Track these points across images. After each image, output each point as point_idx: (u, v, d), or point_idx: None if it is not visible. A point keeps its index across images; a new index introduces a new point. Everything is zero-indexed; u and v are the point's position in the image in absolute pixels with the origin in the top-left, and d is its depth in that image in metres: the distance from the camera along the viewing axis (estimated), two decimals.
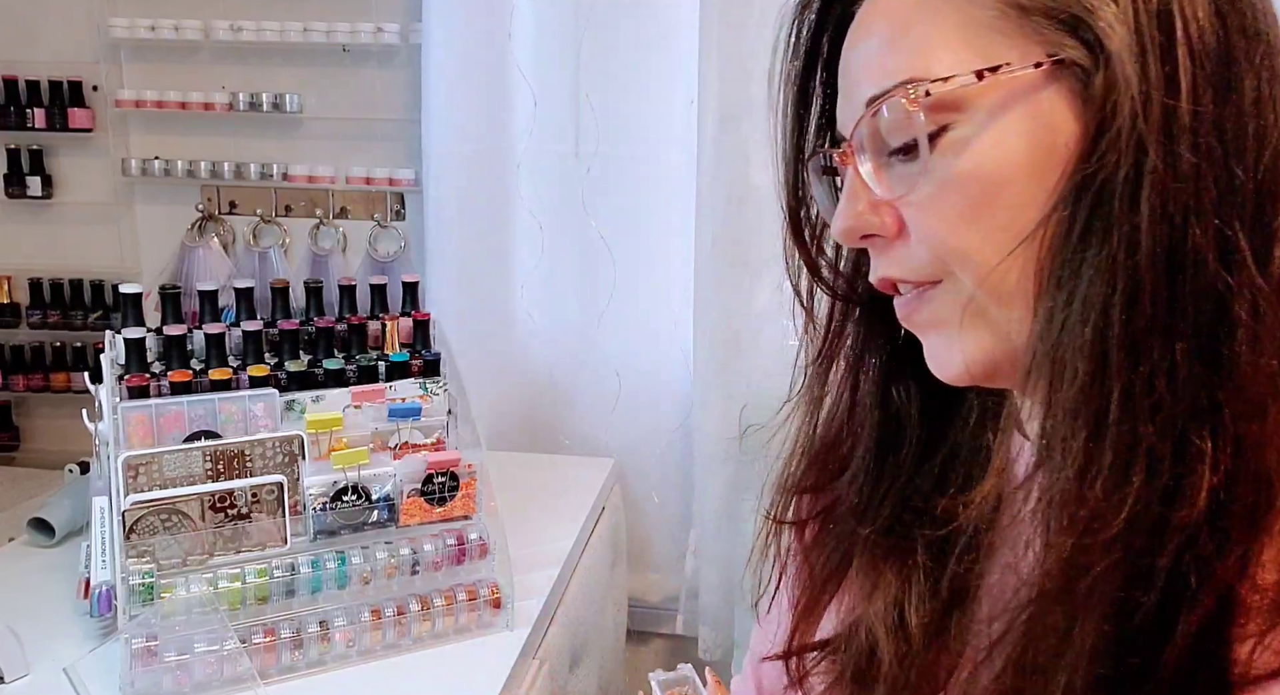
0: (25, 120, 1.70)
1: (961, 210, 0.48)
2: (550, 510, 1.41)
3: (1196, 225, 0.44)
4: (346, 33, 1.63)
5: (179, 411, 1.08)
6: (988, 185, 0.47)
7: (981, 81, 0.47)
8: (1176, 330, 0.44)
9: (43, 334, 1.79)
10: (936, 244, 0.50)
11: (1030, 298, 0.48)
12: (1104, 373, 0.45)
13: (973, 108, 0.47)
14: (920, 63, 0.48)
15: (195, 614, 0.97)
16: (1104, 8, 0.45)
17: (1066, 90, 0.46)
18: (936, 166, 0.48)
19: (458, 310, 1.60)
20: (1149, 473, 0.44)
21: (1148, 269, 0.44)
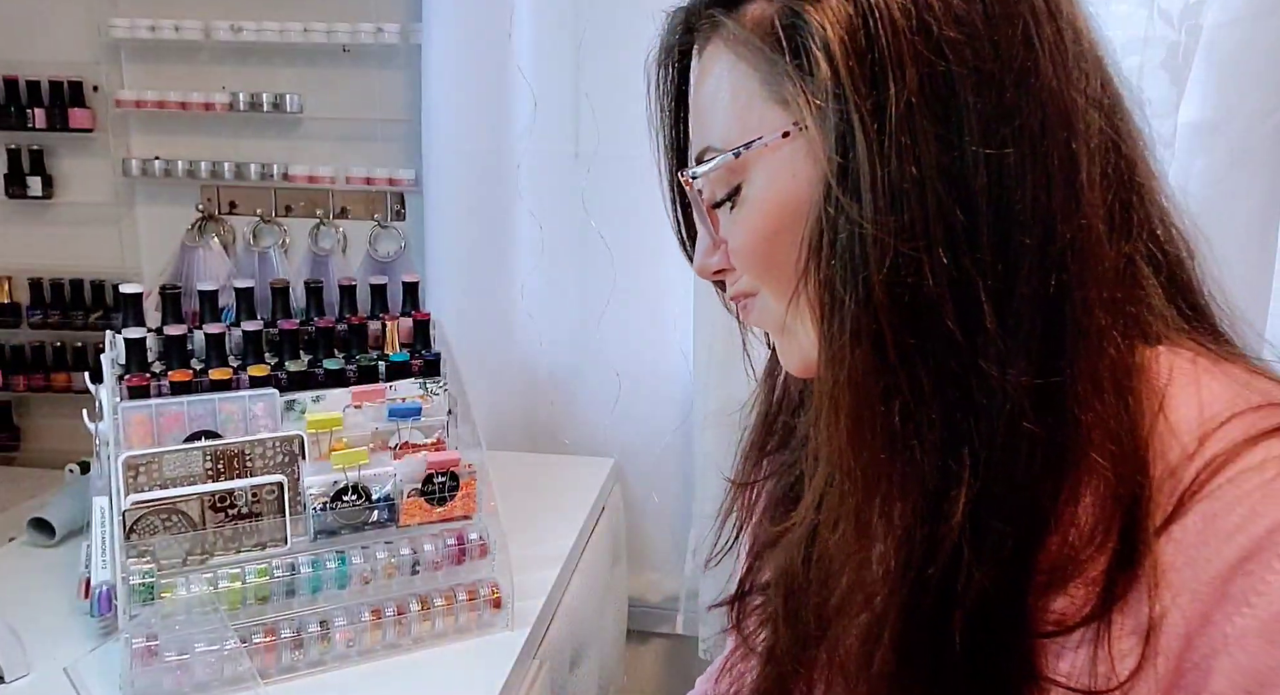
0: (25, 120, 1.70)
1: (755, 253, 0.58)
2: (550, 510, 1.41)
3: (928, 273, 0.49)
4: (346, 33, 1.63)
5: (179, 411, 1.08)
6: (765, 234, 0.56)
7: (739, 157, 0.56)
8: (923, 364, 0.50)
9: (43, 334, 1.79)
10: (745, 275, 0.61)
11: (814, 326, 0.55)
12: (869, 401, 0.51)
13: (749, 170, 0.57)
14: (712, 132, 0.58)
15: (195, 614, 0.97)
16: (800, 93, 0.52)
17: (805, 149, 0.53)
18: (736, 218, 0.58)
19: (458, 310, 1.60)
20: (916, 491, 0.51)
21: (884, 313, 0.50)
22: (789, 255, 0.54)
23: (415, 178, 1.68)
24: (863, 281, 0.50)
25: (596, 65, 1.55)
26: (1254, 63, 1.26)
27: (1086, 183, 0.50)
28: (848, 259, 0.50)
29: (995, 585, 0.51)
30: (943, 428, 0.50)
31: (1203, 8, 1.29)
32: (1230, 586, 0.46)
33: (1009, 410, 0.49)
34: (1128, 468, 0.50)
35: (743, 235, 0.58)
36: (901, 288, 0.49)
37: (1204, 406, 0.50)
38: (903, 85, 0.48)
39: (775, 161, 0.55)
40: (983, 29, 0.49)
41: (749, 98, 0.55)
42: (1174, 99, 1.33)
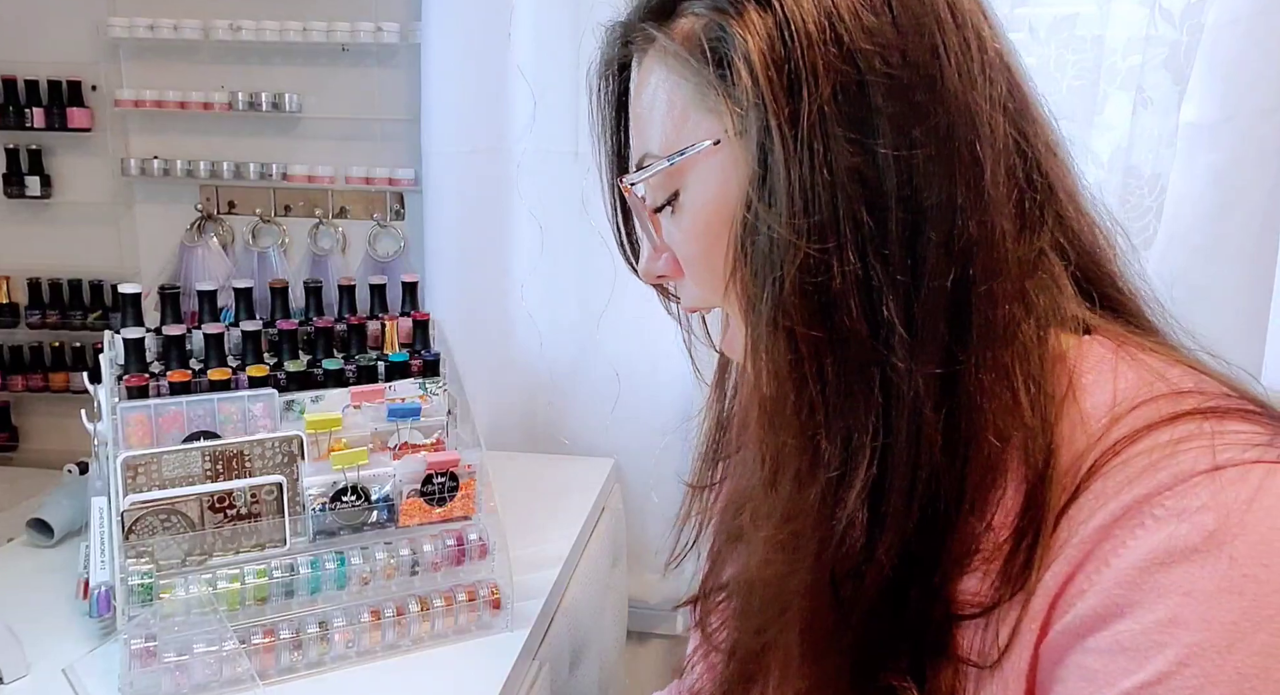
0: (24, 120, 1.69)
1: (692, 256, 0.61)
2: (550, 510, 1.41)
3: (836, 272, 0.51)
4: (346, 32, 1.63)
5: (178, 411, 1.08)
6: (702, 240, 0.59)
7: (674, 163, 0.58)
8: (831, 357, 0.53)
9: (42, 334, 1.79)
10: (697, 287, 0.62)
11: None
12: (783, 391, 0.54)
13: (685, 176, 0.59)
14: (649, 140, 0.61)
15: (194, 614, 0.97)
16: (724, 102, 0.54)
17: (735, 157, 0.56)
18: (675, 223, 0.61)
19: (458, 310, 1.59)
20: (820, 477, 0.53)
21: (795, 310, 0.52)
22: (721, 258, 0.57)
23: (415, 177, 1.68)
24: (774, 281, 0.52)
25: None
26: (1255, 62, 1.26)
27: (990, 181, 0.52)
28: (763, 260, 0.53)
29: (899, 568, 0.53)
30: (846, 417, 0.53)
31: (1204, 7, 1.29)
32: (1098, 548, 0.48)
33: (912, 400, 0.51)
34: (1037, 454, 0.52)
35: (680, 239, 0.61)
36: (811, 286, 0.52)
37: (1117, 394, 0.52)
38: (816, 93, 0.51)
39: (707, 168, 0.57)
40: (893, 39, 0.51)
41: (683, 107, 0.58)
42: (1175, 98, 1.33)
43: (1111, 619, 0.47)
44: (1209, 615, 0.44)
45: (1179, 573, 0.45)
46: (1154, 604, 0.45)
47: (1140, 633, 0.46)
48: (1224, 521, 0.45)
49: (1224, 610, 0.44)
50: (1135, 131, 1.36)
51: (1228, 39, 1.27)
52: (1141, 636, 0.46)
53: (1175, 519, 0.46)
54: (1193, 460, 0.47)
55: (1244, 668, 0.43)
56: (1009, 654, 0.51)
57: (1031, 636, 0.51)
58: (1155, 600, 0.45)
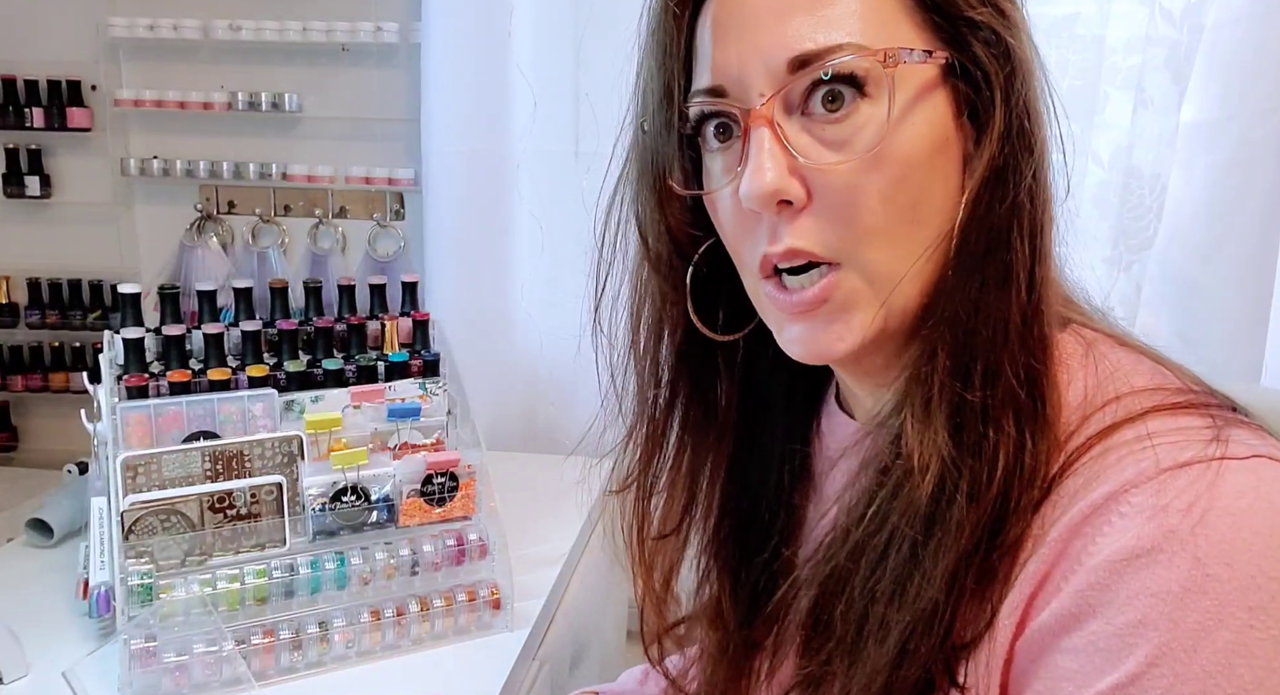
0: (24, 120, 1.70)
1: (882, 188, 0.51)
2: (550, 510, 1.40)
3: (1047, 223, 0.53)
4: (346, 32, 1.63)
5: (178, 412, 1.08)
6: (903, 167, 0.51)
7: (922, 63, 0.51)
8: (1040, 314, 0.52)
9: (41, 334, 1.79)
10: (856, 219, 0.52)
11: (926, 277, 0.54)
12: (1006, 346, 0.52)
13: (897, 87, 0.51)
14: (854, 28, 0.50)
15: (194, 615, 0.97)
16: (990, 28, 0.52)
17: (951, 89, 0.52)
18: (857, 140, 0.51)
19: (458, 310, 1.59)
20: (1011, 433, 0.51)
21: (1046, 257, 0.52)
22: (913, 198, 0.52)
23: (415, 177, 1.68)
24: (1019, 243, 0.51)
25: (596, 65, 1.54)
26: (1256, 62, 1.26)
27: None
28: (1005, 217, 0.51)
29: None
30: (1033, 359, 0.52)
31: (1204, 7, 1.29)
32: (1070, 546, 0.49)
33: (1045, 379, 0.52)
34: (1035, 447, 0.52)
35: (878, 160, 0.51)
36: (1036, 246, 0.52)
37: (1088, 391, 0.53)
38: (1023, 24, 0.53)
39: (923, 85, 0.52)
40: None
41: (890, 8, 0.52)
42: (1176, 98, 1.33)
43: (1084, 619, 0.47)
44: (1175, 616, 0.44)
45: (1146, 574, 0.45)
46: (1124, 605, 0.46)
47: (1112, 634, 0.46)
48: (1187, 520, 0.45)
49: (1189, 610, 0.44)
50: (1135, 131, 1.36)
51: (1228, 39, 1.27)
52: (1114, 638, 0.46)
53: (1140, 516, 0.46)
54: (1157, 457, 0.47)
55: (1209, 666, 0.44)
56: (984, 647, 0.51)
57: (1008, 633, 0.51)
58: (1125, 601, 0.46)
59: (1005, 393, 0.51)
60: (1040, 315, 0.52)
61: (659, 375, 0.68)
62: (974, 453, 0.51)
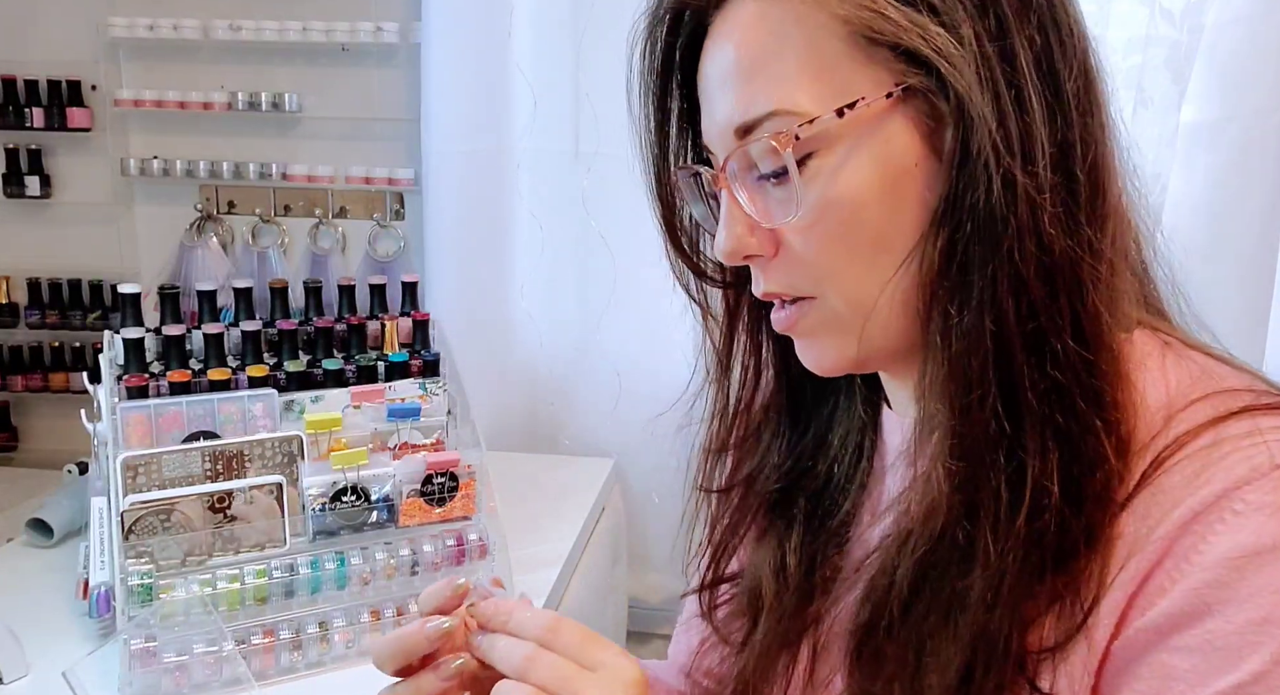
0: (24, 120, 1.69)
1: (830, 233, 0.53)
2: (550, 510, 1.40)
3: (1060, 230, 0.49)
4: (346, 32, 1.63)
5: (178, 412, 1.08)
6: (852, 209, 0.52)
7: (842, 118, 0.50)
8: (1059, 325, 0.50)
9: (41, 334, 1.79)
10: (811, 265, 0.55)
11: (908, 309, 0.53)
12: (1009, 370, 0.50)
13: (833, 139, 0.51)
14: (782, 95, 0.52)
15: (194, 615, 0.97)
16: (950, 49, 0.48)
17: (912, 113, 0.51)
18: (806, 195, 0.52)
19: (458, 310, 1.59)
20: (1054, 448, 0.50)
21: (1033, 274, 0.49)
22: (873, 234, 0.52)
23: (414, 177, 1.68)
24: (1006, 252, 0.49)
25: (596, 65, 1.54)
26: (1256, 62, 1.26)
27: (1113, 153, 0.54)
28: (989, 227, 0.49)
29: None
30: (1080, 381, 0.50)
31: (1204, 7, 1.29)
32: (1176, 545, 0.48)
33: (1076, 390, 0.50)
34: (1115, 438, 0.51)
35: (823, 211, 0.52)
36: (1037, 257, 0.49)
37: (1170, 389, 0.52)
38: (1022, 30, 0.49)
39: (866, 125, 0.51)
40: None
41: (830, 54, 0.50)
42: (1176, 98, 1.33)
43: (1198, 618, 0.47)
44: None
45: (1270, 571, 0.45)
46: (1244, 603, 0.45)
47: (1232, 632, 0.46)
48: None
49: None
50: (1135, 131, 1.36)
51: (1228, 39, 1.27)
52: (1234, 636, 0.46)
53: (1259, 513, 0.46)
54: (1267, 454, 0.47)
55: None
56: (1077, 651, 0.51)
57: (1105, 633, 0.50)
58: (1245, 599, 0.45)
59: (1021, 413, 0.50)
60: (1051, 334, 0.50)
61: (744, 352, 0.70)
62: (986, 481, 0.50)
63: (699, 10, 0.57)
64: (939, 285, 0.51)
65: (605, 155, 1.57)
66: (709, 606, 0.73)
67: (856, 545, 0.65)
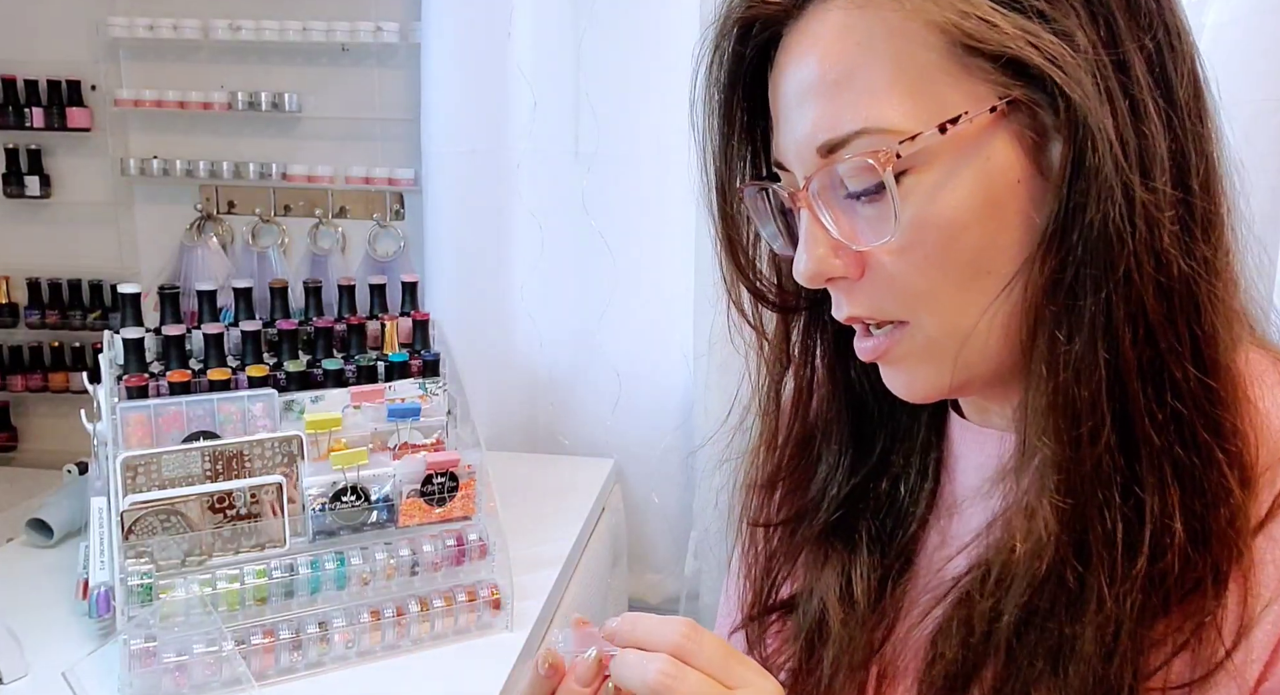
0: (23, 120, 1.69)
1: (928, 255, 0.50)
2: (550, 510, 1.40)
3: (1178, 249, 0.46)
4: (346, 32, 1.63)
5: (178, 411, 1.08)
6: (951, 231, 0.49)
7: (945, 134, 0.47)
8: (1178, 350, 0.47)
9: (41, 334, 1.79)
10: (904, 289, 0.51)
11: (1010, 335, 0.50)
12: (1124, 400, 0.47)
13: (931, 156, 0.48)
14: (872, 112, 0.48)
15: (194, 615, 0.97)
16: (1066, 57, 0.45)
17: (1015, 127, 0.48)
18: (902, 215, 0.49)
19: (458, 310, 1.59)
20: (1174, 483, 0.47)
21: (1151, 297, 0.46)
22: (973, 255, 0.49)
23: (414, 177, 1.68)
24: (1123, 275, 0.45)
25: (596, 65, 1.54)
26: (1256, 62, 1.26)
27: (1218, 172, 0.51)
28: (1103, 248, 0.45)
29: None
30: (1202, 411, 0.47)
31: (1204, 7, 1.28)
32: None
33: (1198, 420, 0.47)
34: (1239, 468, 0.48)
35: (919, 232, 0.49)
36: (1161, 276, 0.46)
37: None
38: (1138, 39, 0.46)
39: (967, 141, 0.48)
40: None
41: (924, 67, 0.47)
42: None
43: None
44: None
45: None
46: None
47: None
48: None
49: None
50: None
51: (1228, 39, 1.27)
52: None
53: None
54: None
55: None
56: (1221, 685, 0.48)
57: (1254, 671, 0.47)
58: None
59: (1138, 450, 0.47)
60: (1169, 360, 0.47)
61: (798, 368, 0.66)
62: (1099, 521, 0.47)
63: (773, 20, 0.53)
64: (1045, 310, 0.48)
65: (605, 155, 1.57)
66: (757, 637, 0.69)
67: (925, 569, 0.62)
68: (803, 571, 0.66)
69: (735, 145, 0.59)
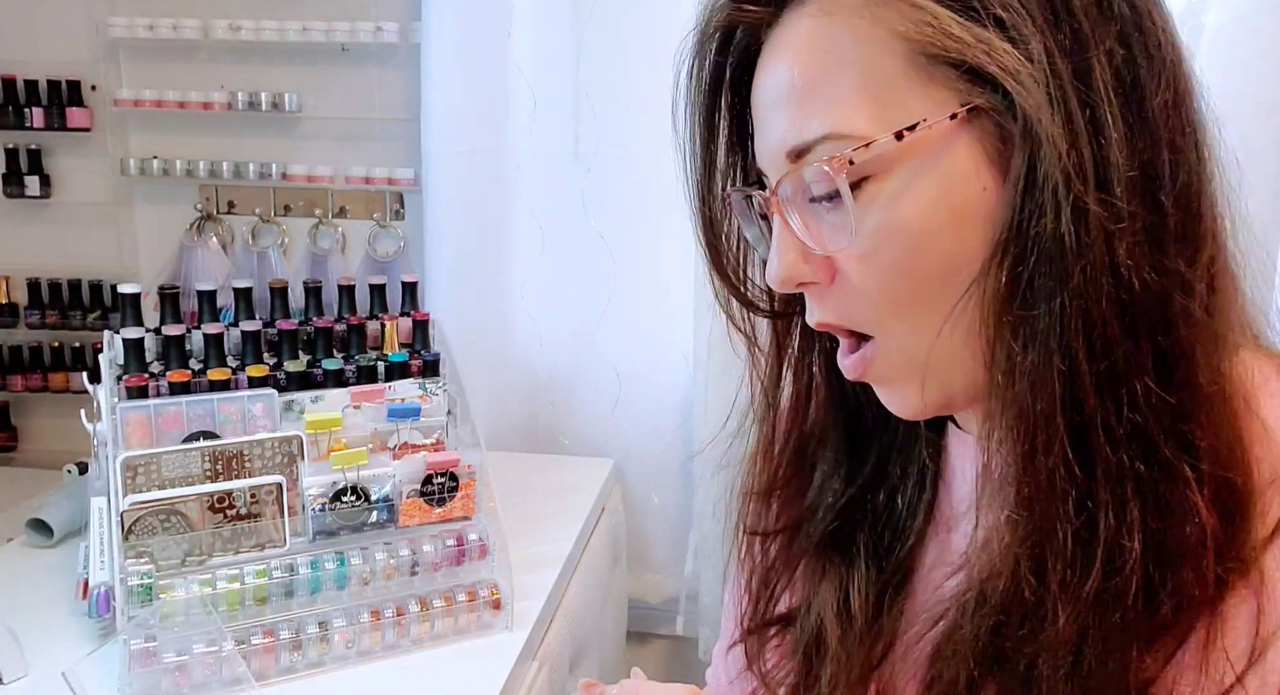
0: (23, 120, 1.69)
1: (893, 262, 0.49)
2: (550, 511, 1.40)
3: (1141, 262, 0.45)
4: (346, 32, 1.63)
5: (178, 412, 1.08)
6: (916, 238, 0.48)
7: (901, 141, 0.47)
8: (1138, 365, 0.46)
9: (41, 334, 1.79)
10: (869, 297, 0.51)
11: (975, 345, 0.49)
12: (1080, 412, 0.46)
13: (891, 162, 0.48)
14: (837, 117, 0.49)
15: (194, 615, 0.97)
16: (1018, 67, 0.45)
17: (979, 134, 0.47)
18: (864, 221, 0.49)
19: (457, 310, 1.59)
20: (1133, 500, 0.46)
21: (1107, 312, 0.45)
22: (941, 265, 0.49)
23: (414, 177, 1.68)
24: (1076, 286, 0.45)
25: (596, 65, 1.54)
26: (1256, 62, 1.26)
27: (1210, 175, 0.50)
28: (1056, 258, 0.45)
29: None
30: (1164, 425, 0.46)
31: (1204, 7, 1.29)
32: None
33: (1160, 435, 0.46)
34: (1235, 476, 0.47)
35: (882, 239, 0.49)
36: (1120, 289, 0.45)
37: None
38: (1101, 44, 0.45)
39: (928, 148, 0.47)
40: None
41: (889, 74, 0.48)
42: None
43: None
44: None
45: None
46: None
47: None
48: None
49: None
50: None
51: (1228, 39, 1.27)
52: None
53: None
54: None
55: None
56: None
57: (1269, 687, 0.46)
58: None
59: (1094, 461, 0.46)
60: (1130, 374, 0.46)
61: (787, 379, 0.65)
62: (1052, 535, 0.47)
63: (752, 27, 0.54)
64: (1003, 319, 0.47)
65: (605, 155, 1.57)
66: (755, 652, 0.68)
67: (922, 585, 0.61)
68: (801, 583, 0.65)
69: (717, 151, 0.59)
